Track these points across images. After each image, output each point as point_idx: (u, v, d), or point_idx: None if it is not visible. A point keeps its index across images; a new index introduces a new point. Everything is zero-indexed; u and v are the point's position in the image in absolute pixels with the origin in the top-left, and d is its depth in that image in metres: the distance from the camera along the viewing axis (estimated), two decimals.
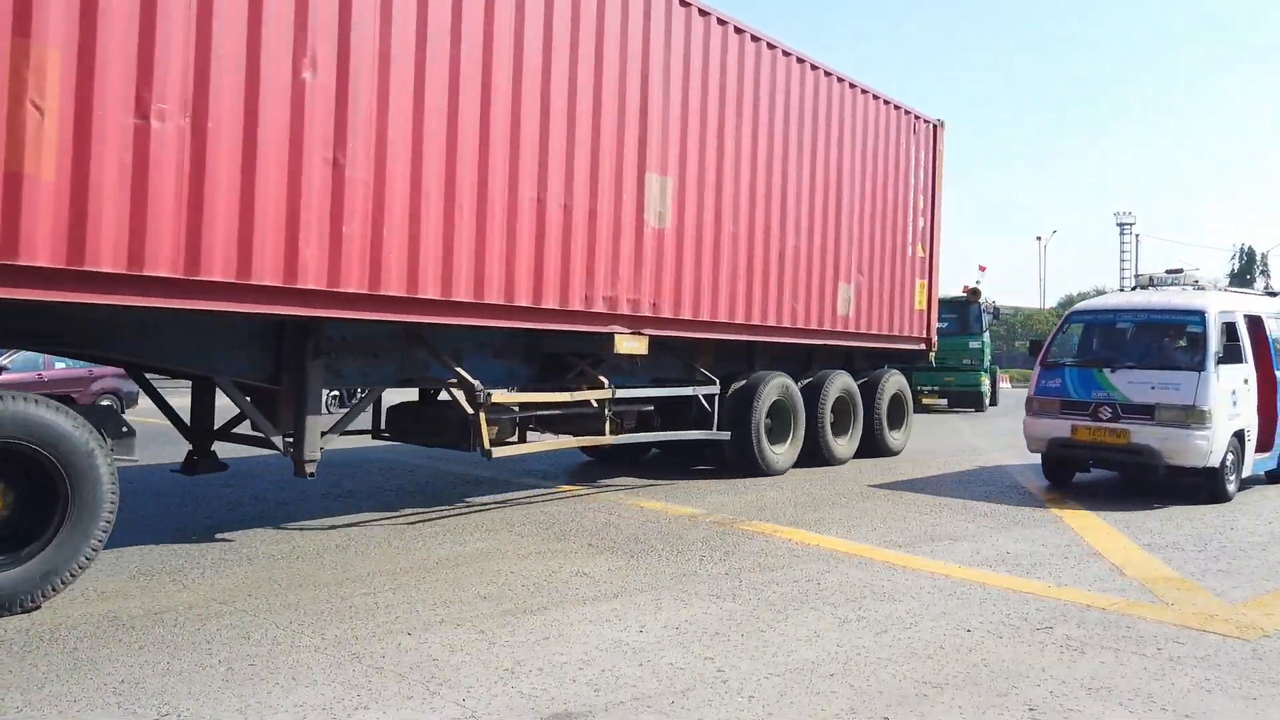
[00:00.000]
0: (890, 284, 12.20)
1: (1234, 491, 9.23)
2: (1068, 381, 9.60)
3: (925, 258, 12.99)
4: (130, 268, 5.21)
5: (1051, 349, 10.09)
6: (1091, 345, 10.21)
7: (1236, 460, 9.31)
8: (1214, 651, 4.61)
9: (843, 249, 11.22)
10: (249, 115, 5.66)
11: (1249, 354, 9.55)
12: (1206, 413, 8.73)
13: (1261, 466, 10.17)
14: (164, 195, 5.31)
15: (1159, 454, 8.85)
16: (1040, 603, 5.42)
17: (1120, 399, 9.17)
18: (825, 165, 10.91)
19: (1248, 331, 9.84)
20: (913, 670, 4.25)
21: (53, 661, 4.19)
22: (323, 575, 5.79)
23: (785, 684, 4.06)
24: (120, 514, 7.57)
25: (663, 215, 8.76)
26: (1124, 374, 9.26)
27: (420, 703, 3.78)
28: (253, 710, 3.68)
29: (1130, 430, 9.04)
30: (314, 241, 6.02)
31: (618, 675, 4.12)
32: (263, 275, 5.78)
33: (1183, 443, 8.77)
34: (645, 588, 5.61)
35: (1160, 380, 9.05)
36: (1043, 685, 4.10)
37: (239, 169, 5.64)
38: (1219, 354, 8.94)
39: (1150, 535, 7.50)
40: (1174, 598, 5.60)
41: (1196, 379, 8.85)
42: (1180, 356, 9.35)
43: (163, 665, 4.15)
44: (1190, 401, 8.79)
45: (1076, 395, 9.48)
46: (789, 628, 4.85)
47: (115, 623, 4.76)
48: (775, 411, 10.57)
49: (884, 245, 12.02)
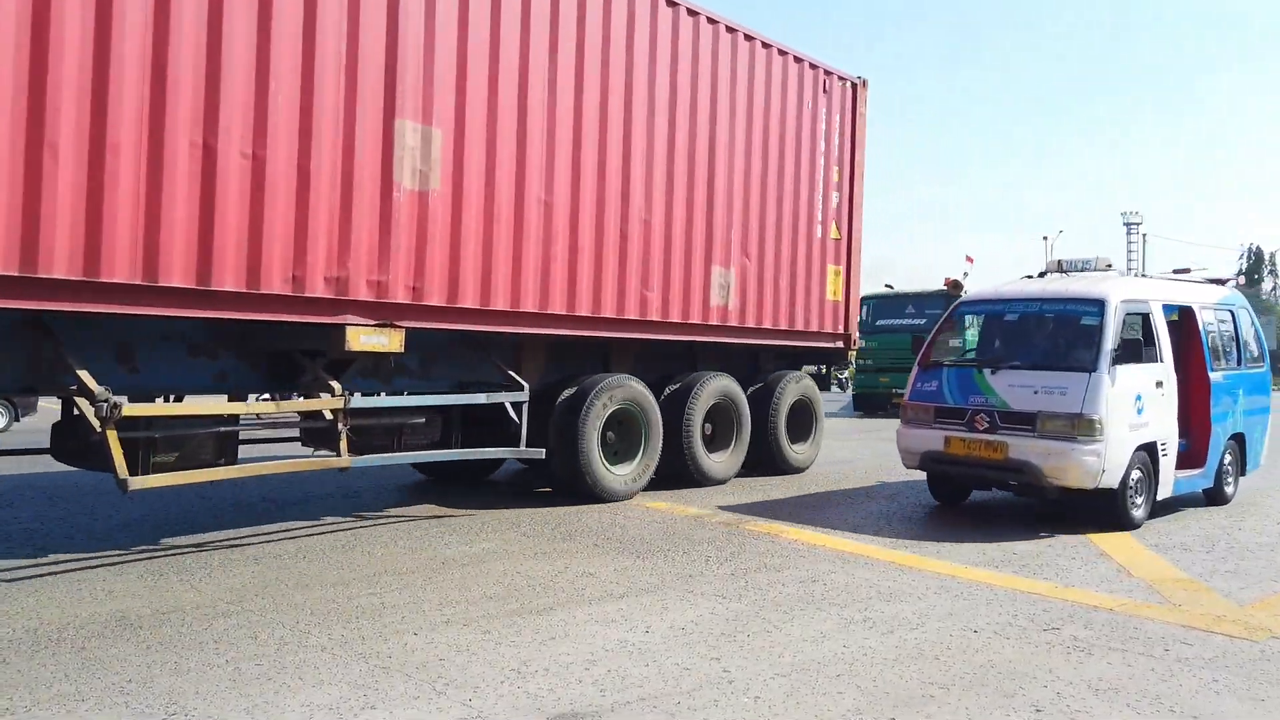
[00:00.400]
0: (791, 270, 10.29)
1: (1141, 518, 7.71)
2: (944, 385, 8.17)
3: (842, 240, 11.01)
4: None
5: (934, 347, 8.76)
6: (977, 342, 9.07)
7: (1146, 480, 7.77)
8: (1222, 653, 4.60)
9: (718, 226, 9.35)
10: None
11: (1165, 351, 8.01)
12: (1096, 422, 7.22)
13: (1190, 486, 8.48)
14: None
15: (1040, 472, 7.37)
16: (1047, 603, 5.41)
17: (999, 405, 7.70)
18: (692, 125, 9.04)
19: (1170, 325, 8.55)
20: (919, 671, 4.25)
21: (60, 660, 4.21)
22: (329, 575, 5.80)
23: (791, 684, 4.06)
24: (124, 514, 7.62)
25: (426, 175, 6.89)
26: (1005, 376, 7.82)
27: (427, 702, 3.78)
28: (260, 710, 3.69)
29: (1008, 443, 7.56)
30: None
31: (624, 675, 4.12)
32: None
33: (1066, 458, 7.27)
34: (651, 588, 5.61)
35: (1045, 383, 7.57)
36: (1049, 686, 4.09)
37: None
38: (1115, 351, 7.45)
39: (1157, 536, 7.48)
40: (1181, 599, 5.58)
41: (1086, 382, 7.35)
42: (1071, 355, 7.80)
43: (170, 665, 4.17)
44: (1077, 409, 7.28)
45: (952, 401, 8.02)
46: (795, 628, 4.85)
47: (123, 622, 4.78)
48: (621, 423, 8.77)
49: (781, 224, 10.12)
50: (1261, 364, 9.74)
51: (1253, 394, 9.36)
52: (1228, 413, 8.83)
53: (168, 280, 5.66)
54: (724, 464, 9.85)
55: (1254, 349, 9.61)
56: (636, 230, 8.56)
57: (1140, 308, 8.00)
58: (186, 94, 5.67)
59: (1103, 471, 7.26)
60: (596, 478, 8.37)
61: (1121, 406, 7.41)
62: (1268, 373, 9.91)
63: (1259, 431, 9.60)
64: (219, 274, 5.87)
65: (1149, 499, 7.80)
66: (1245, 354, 9.34)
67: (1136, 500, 7.70)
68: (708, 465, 9.59)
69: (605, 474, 8.48)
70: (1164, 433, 7.90)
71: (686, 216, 9.06)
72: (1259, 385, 9.60)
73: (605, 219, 8.26)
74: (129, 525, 7.29)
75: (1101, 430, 7.23)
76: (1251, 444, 9.44)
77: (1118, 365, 7.42)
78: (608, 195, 8.28)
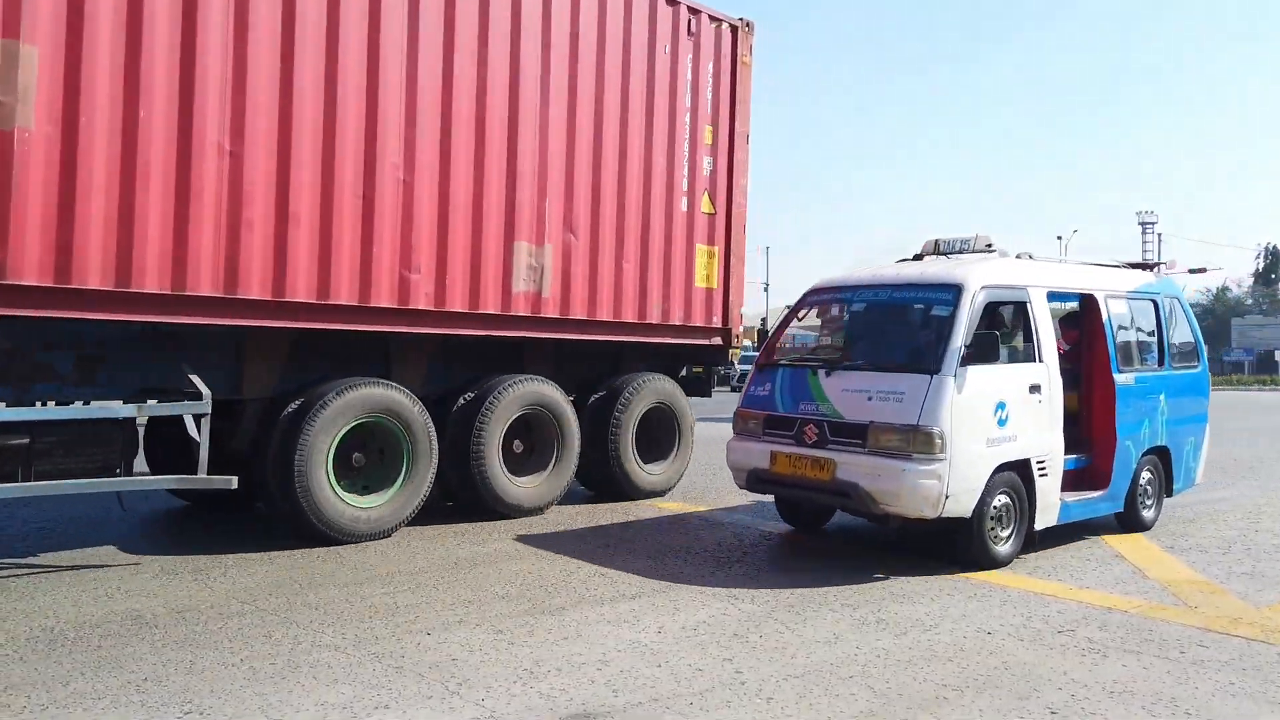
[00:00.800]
0: (642, 250, 8.39)
1: (1007, 553, 6.27)
2: (776, 389, 6.78)
3: (718, 215, 9.06)
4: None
5: (777, 342, 7.32)
6: (823, 336, 7.71)
7: (1015, 506, 6.33)
8: (1239, 655, 4.56)
9: (524, 192, 7.45)
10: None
11: (1047, 349, 6.59)
12: (935, 435, 5.80)
13: (1089, 510, 7.03)
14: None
15: (869, 497, 5.99)
16: (1062, 605, 5.38)
17: (830, 414, 6.32)
18: (481, 62, 7.18)
19: (1069, 318, 7.63)
20: (933, 673, 4.23)
21: (77, 659, 4.24)
22: (343, 575, 5.83)
23: (804, 686, 4.05)
24: (140, 514, 7.67)
25: (10, 107, 5.15)
26: (840, 378, 6.41)
27: (439, 702, 3.79)
28: (274, 709, 3.70)
29: (836, 461, 6.15)
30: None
31: (636, 676, 4.12)
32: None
33: (897, 480, 5.85)
34: (663, 588, 5.61)
35: (880, 388, 6.15)
36: (1064, 688, 4.07)
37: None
38: (967, 348, 6.01)
39: (1173, 537, 7.43)
40: (1198, 601, 5.54)
41: (926, 386, 5.93)
42: (913, 353, 6.45)
43: (185, 663, 4.19)
44: (912, 419, 5.88)
45: (782, 408, 6.65)
46: (808, 629, 4.84)
47: (138, 621, 4.81)
48: (374, 441, 7.00)
49: (626, 193, 8.24)
50: (1195, 364, 8.21)
51: (1181, 399, 7.82)
52: (1142, 422, 7.34)
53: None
54: (535, 490, 7.82)
55: (1185, 346, 8.13)
56: (389, 193, 6.68)
57: (1013, 295, 6.61)
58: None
59: (945, 497, 5.82)
60: (322, 513, 6.50)
61: (974, 416, 6.00)
62: (1203, 375, 8.30)
63: (1191, 444, 8.05)
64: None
65: (1020, 529, 6.37)
66: (1172, 352, 7.85)
67: (1000, 532, 6.27)
68: (508, 491, 7.60)
69: (340, 508, 6.62)
70: (1041, 447, 6.45)
71: (474, 178, 7.16)
72: (1190, 389, 8.05)
73: (338, 176, 6.42)
74: (140, 526, 7.33)
75: (943, 445, 5.81)
76: (1180, 459, 7.89)
77: (970, 366, 6.00)
78: (341, 145, 6.43)
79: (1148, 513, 7.66)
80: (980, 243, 7.10)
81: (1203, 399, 8.27)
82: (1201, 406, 8.24)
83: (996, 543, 6.25)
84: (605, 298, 8.15)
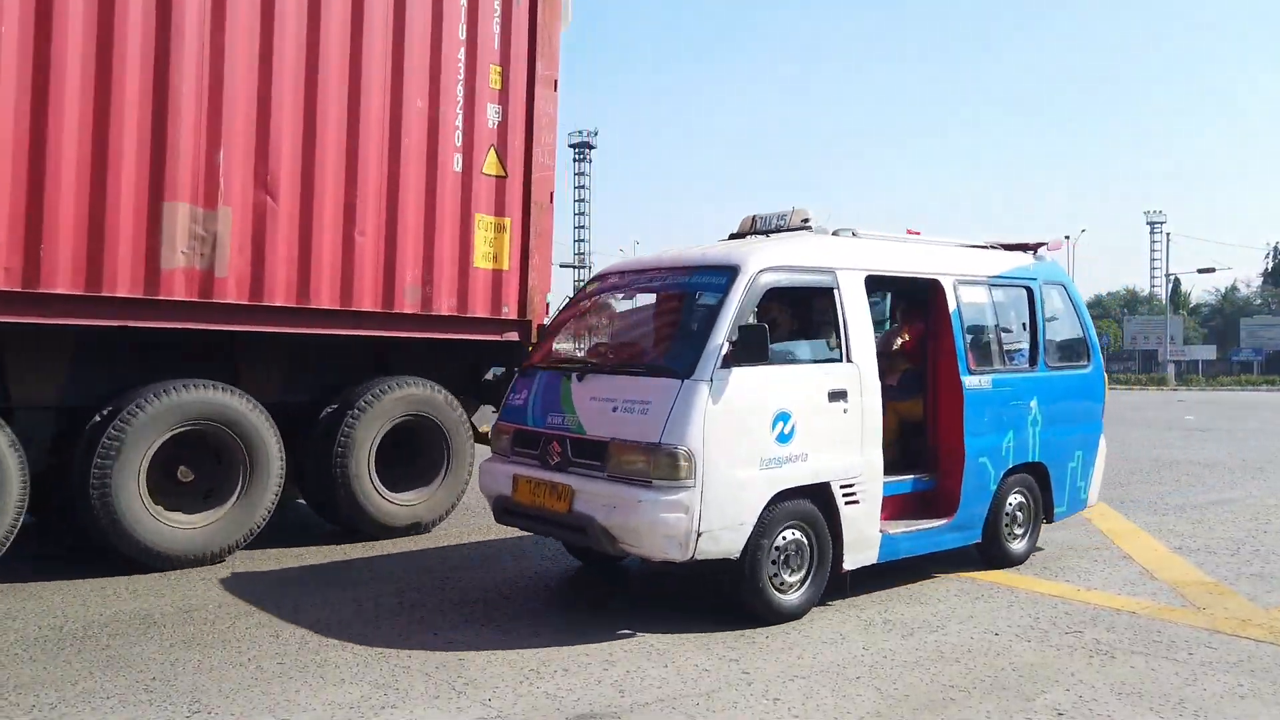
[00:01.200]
0: (387, 219, 6.62)
1: (796, 603, 4.96)
2: (531, 397, 5.46)
3: (511, 179, 7.24)
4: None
5: (550, 339, 6.01)
6: (595, 332, 6.37)
7: (812, 542, 5.03)
8: (1247, 657, 4.55)
9: (183, 135, 5.73)
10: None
11: (860, 345, 5.28)
12: (681, 456, 4.52)
13: (931, 543, 5.70)
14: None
15: (606, 534, 4.69)
16: (1069, 606, 5.37)
17: (575, 429, 5.05)
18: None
19: (900, 310, 6.66)
20: (939, 673, 4.23)
21: (86, 659, 4.26)
22: (350, 575, 5.85)
23: (810, 686, 4.05)
24: None
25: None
26: (591, 384, 5.11)
27: (446, 702, 3.80)
28: (281, 708, 3.72)
29: (574, 489, 4.88)
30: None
31: (643, 676, 4.13)
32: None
33: (633, 514, 4.57)
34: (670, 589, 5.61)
35: (627, 396, 4.87)
36: (1072, 690, 4.06)
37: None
38: (731, 346, 4.69)
39: (1181, 538, 7.41)
40: (1206, 602, 5.52)
41: (674, 393, 4.66)
42: (667, 352, 5.33)
43: (193, 663, 4.21)
44: (654, 436, 4.60)
45: (532, 421, 5.35)
46: (814, 629, 4.84)
47: (146, 621, 4.83)
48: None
49: (363, 143, 6.48)
50: (1084, 363, 6.85)
51: (1062, 405, 6.50)
52: (1003, 434, 6.06)
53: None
54: (202, 531, 6.03)
55: (1070, 343, 6.85)
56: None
57: (813, 280, 5.30)
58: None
59: (696, 534, 4.53)
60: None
61: (741, 431, 4.72)
62: (1094, 375, 6.88)
63: (1079, 459, 6.69)
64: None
65: (819, 572, 5.06)
66: (1050, 349, 6.55)
67: (787, 577, 4.93)
68: (149, 534, 5.80)
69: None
70: (848, 468, 5.15)
71: (94, 110, 5.44)
72: (1076, 392, 6.72)
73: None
74: None
75: (692, 469, 4.53)
76: (1063, 477, 6.55)
77: (737, 368, 4.71)
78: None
79: (1016, 544, 6.31)
80: (796, 218, 5.76)
81: (1094, 404, 6.91)
82: (1093, 413, 6.89)
83: (783, 589, 4.92)
84: (326, 279, 6.36)
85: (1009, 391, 6.15)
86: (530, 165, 7.39)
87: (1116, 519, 8.22)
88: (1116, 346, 72.48)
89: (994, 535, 6.15)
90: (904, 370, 6.11)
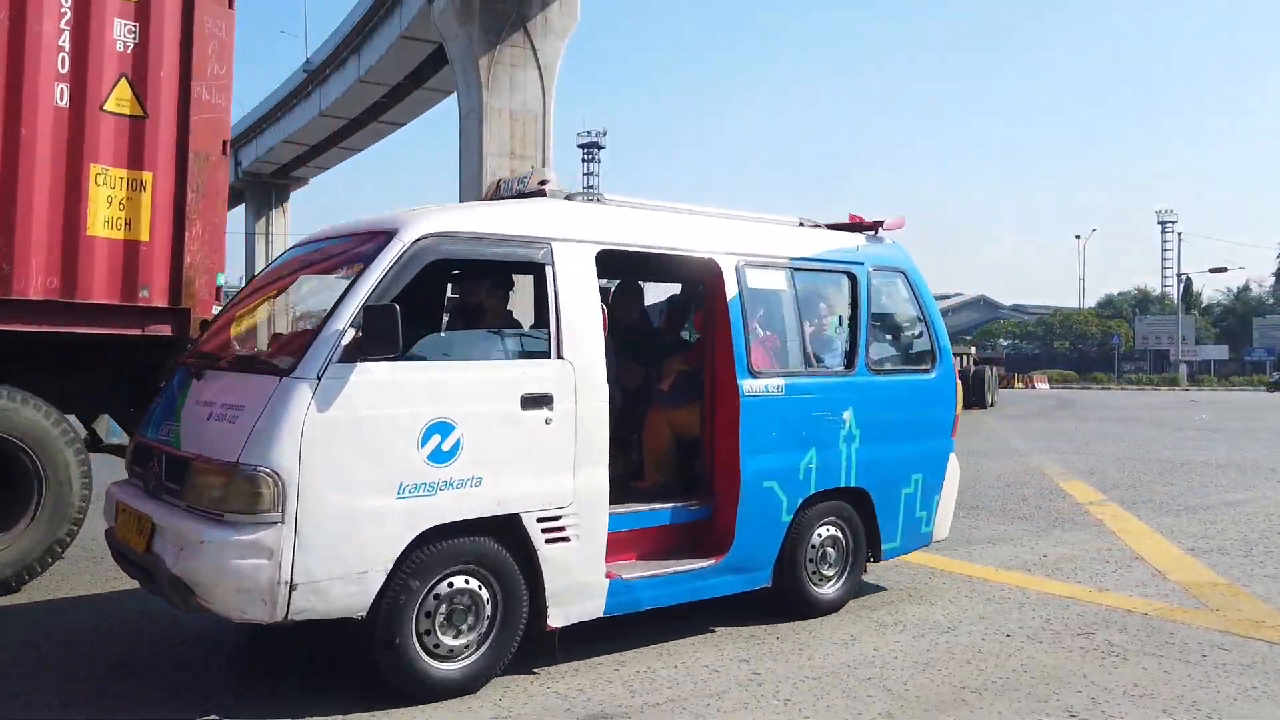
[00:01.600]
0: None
1: (459, 676, 3.83)
2: (162, 401, 4.36)
3: (153, 121, 5.61)
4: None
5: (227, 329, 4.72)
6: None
7: (495, 593, 3.90)
8: (1261, 658, 4.52)
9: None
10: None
11: (573, 337, 4.12)
12: (263, 480, 3.41)
13: (686, 590, 4.55)
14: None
15: (178, 586, 3.50)
16: (1081, 607, 5.35)
17: (174, 441, 3.97)
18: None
19: (669, 299, 5.79)
20: (951, 675, 4.21)
21: (98, 659, 4.28)
22: None
23: (821, 687, 4.04)
24: None
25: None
26: (208, 382, 4.03)
27: (457, 702, 3.80)
28: (294, 708, 3.72)
29: (155, 522, 3.78)
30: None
31: (653, 677, 4.13)
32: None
33: (199, 558, 3.45)
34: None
35: (226, 398, 3.82)
36: (1084, 692, 4.04)
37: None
38: (353, 335, 3.58)
39: (1194, 539, 7.37)
40: (1219, 603, 5.49)
41: (269, 397, 3.55)
42: (288, 342, 4.15)
43: (205, 663, 4.22)
44: (233, 455, 3.50)
45: (148, 431, 4.30)
46: (825, 630, 4.83)
47: (157, 620, 4.85)
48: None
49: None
50: (927, 367, 5.61)
51: (892, 416, 5.32)
52: (802, 453, 4.88)
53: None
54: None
55: (909, 342, 5.72)
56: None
57: (516, 253, 4.18)
58: None
59: (289, 587, 3.44)
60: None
61: (367, 448, 3.60)
62: (939, 381, 5.61)
63: (916, 483, 5.43)
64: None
65: (501, 635, 3.93)
66: (877, 349, 5.40)
67: (447, 639, 3.80)
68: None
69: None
70: (549, 495, 4.01)
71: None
72: (913, 401, 5.52)
73: None
74: None
75: (280, 498, 3.42)
76: (892, 505, 5.31)
77: (364, 362, 3.60)
78: None
79: (825, 589, 5.08)
80: (534, 180, 4.68)
81: (940, 416, 5.61)
82: (939, 427, 5.59)
83: (446, 657, 3.79)
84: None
85: (812, 400, 4.95)
86: (189, 103, 5.71)
87: (1128, 520, 8.19)
88: (1128, 346, 72.24)
89: (791, 576, 4.91)
90: (678, 372, 5.19)
